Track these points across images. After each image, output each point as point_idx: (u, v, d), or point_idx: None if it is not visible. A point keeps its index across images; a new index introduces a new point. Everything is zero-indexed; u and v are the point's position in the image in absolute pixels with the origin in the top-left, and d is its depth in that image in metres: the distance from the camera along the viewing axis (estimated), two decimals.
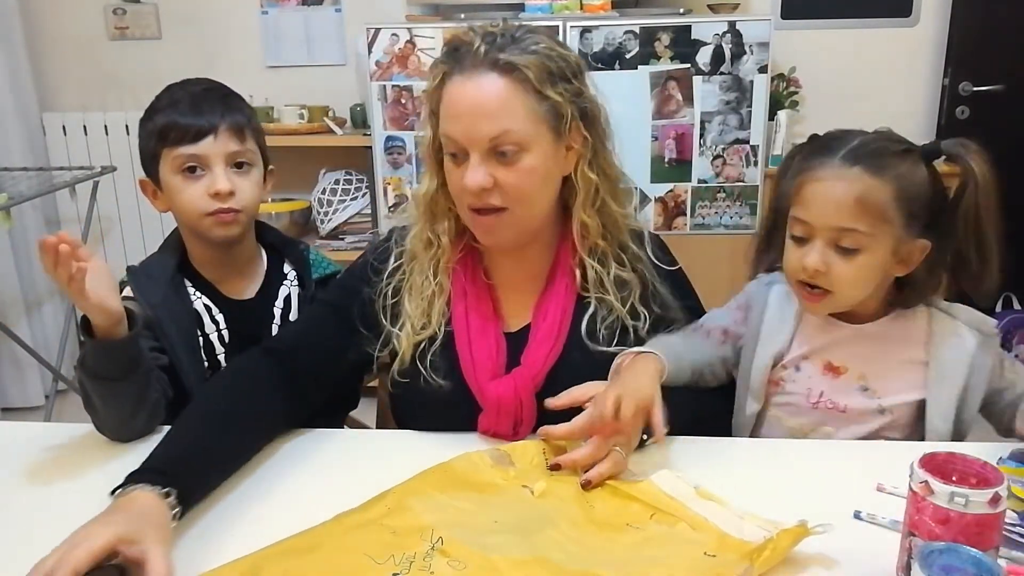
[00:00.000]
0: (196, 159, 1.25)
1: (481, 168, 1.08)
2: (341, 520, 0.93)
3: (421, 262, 1.20)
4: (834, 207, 1.05)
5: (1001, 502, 0.77)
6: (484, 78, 1.07)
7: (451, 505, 0.95)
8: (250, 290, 1.37)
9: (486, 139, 1.07)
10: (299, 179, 3.02)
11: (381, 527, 0.91)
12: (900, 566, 0.83)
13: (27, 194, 2.69)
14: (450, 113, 1.09)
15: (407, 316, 1.18)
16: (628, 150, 1.23)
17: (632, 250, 1.22)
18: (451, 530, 0.89)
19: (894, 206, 1.04)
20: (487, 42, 1.09)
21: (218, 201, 1.25)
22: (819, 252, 1.06)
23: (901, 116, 2.98)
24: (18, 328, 2.95)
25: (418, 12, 2.85)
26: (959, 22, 2.94)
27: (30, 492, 1.08)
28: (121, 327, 1.11)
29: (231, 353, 1.33)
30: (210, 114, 1.26)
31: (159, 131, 1.25)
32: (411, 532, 0.90)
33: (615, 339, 1.17)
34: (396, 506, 0.95)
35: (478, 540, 0.88)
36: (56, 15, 3.18)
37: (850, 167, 1.05)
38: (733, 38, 2.50)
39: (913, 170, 1.06)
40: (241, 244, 1.35)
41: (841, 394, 1.16)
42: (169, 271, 1.31)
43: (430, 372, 1.16)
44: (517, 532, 0.90)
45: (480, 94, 1.07)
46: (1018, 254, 3.42)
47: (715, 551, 0.87)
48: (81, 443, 1.20)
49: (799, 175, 1.09)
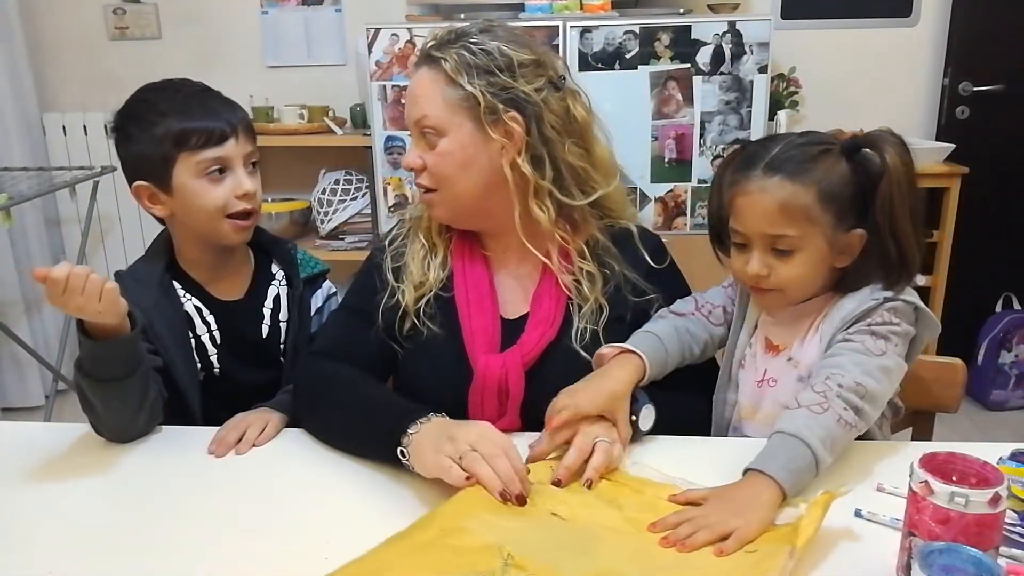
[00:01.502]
0: (221, 161, 1.25)
1: (414, 150, 1.20)
2: (395, 544, 0.89)
3: (424, 225, 1.27)
4: (762, 216, 1.10)
5: (1001, 502, 0.77)
6: (419, 70, 1.20)
7: (506, 525, 0.91)
8: (239, 291, 1.37)
9: (412, 122, 1.20)
10: (299, 179, 3.02)
11: (444, 547, 0.87)
12: (900, 566, 0.83)
13: (27, 194, 2.68)
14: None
15: (409, 275, 1.25)
16: (628, 150, 1.25)
17: (602, 243, 1.26)
18: (517, 546, 0.86)
19: (818, 207, 1.08)
20: (434, 39, 1.20)
21: (244, 202, 1.26)
22: (758, 259, 1.12)
23: (901, 116, 2.98)
24: (18, 328, 2.95)
25: (418, 12, 2.85)
26: (959, 22, 2.94)
27: (30, 492, 1.08)
28: (124, 325, 1.11)
29: (223, 354, 1.33)
30: (226, 115, 1.26)
31: (175, 136, 1.23)
32: (479, 550, 0.86)
33: (596, 331, 1.21)
34: (451, 528, 0.90)
35: (546, 556, 0.86)
36: (56, 15, 3.17)
37: (771, 177, 1.09)
38: (733, 38, 2.50)
39: (833, 169, 1.09)
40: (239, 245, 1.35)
41: (776, 370, 1.18)
42: (157, 275, 1.30)
43: (425, 321, 1.22)
44: (572, 549, 0.88)
45: (412, 83, 1.21)
46: (1018, 254, 3.41)
47: (754, 546, 0.88)
48: (81, 443, 1.20)
49: (730, 188, 1.14)
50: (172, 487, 1.08)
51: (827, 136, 1.16)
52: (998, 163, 2.95)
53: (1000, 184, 2.98)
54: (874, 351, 1.07)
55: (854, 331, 1.09)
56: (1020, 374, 3.01)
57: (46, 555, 0.93)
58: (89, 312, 1.05)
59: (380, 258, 1.30)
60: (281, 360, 1.37)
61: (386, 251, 1.30)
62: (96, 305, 1.04)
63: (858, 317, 1.10)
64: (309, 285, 1.42)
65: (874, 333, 1.08)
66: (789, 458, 0.96)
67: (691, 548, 0.89)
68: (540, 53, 1.21)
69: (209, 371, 1.32)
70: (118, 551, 0.94)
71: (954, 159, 2.79)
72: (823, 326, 1.14)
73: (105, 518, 1.02)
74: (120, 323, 1.10)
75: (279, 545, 0.94)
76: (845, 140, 1.12)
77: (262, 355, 1.36)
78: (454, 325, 1.23)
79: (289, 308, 1.38)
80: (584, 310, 1.22)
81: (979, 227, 2.92)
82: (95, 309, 1.05)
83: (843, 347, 1.08)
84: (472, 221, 1.26)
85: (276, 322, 1.37)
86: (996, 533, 0.78)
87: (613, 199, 1.28)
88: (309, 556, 0.92)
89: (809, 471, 0.96)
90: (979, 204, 2.87)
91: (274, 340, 1.37)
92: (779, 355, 1.18)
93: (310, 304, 1.42)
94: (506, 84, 1.15)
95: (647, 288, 1.26)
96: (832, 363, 1.06)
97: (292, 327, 1.38)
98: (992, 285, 3.06)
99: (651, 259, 1.28)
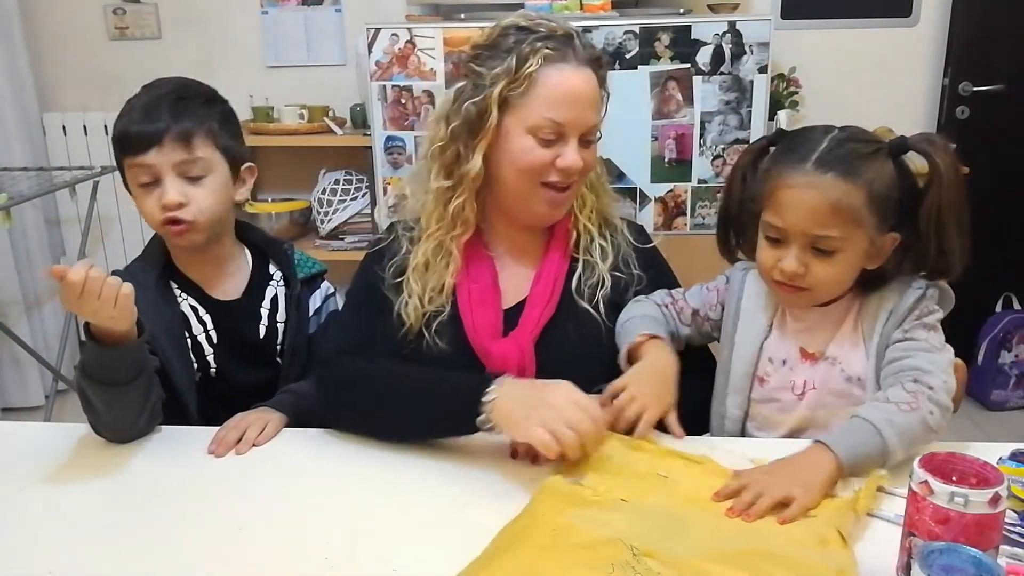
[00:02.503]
0: (147, 169, 1.22)
1: (577, 150, 1.21)
2: (519, 547, 0.87)
3: (440, 238, 1.27)
4: (809, 214, 1.06)
5: (1001, 502, 0.77)
6: (585, 72, 1.21)
7: (602, 518, 0.91)
8: (235, 290, 1.36)
9: (588, 126, 1.22)
10: (299, 179, 3.01)
11: (569, 546, 0.86)
12: (900, 566, 0.83)
13: (27, 194, 2.68)
14: (559, 99, 1.19)
15: (414, 293, 1.26)
16: (628, 150, 1.26)
17: (613, 224, 1.36)
18: (635, 538, 0.86)
19: (867, 209, 1.06)
20: (581, 41, 1.22)
21: (170, 212, 1.23)
22: (796, 257, 1.08)
23: (901, 116, 2.97)
24: (18, 328, 2.95)
25: (418, 12, 2.85)
26: (959, 22, 2.94)
27: (30, 492, 1.08)
28: (133, 331, 1.11)
29: (220, 354, 1.32)
30: (157, 121, 1.22)
31: (116, 138, 1.24)
32: (602, 544, 0.85)
33: (595, 298, 1.28)
34: (560, 527, 0.89)
35: (666, 545, 0.85)
36: (56, 15, 3.17)
37: (823, 174, 1.05)
38: (733, 38, 2.50)
39: (883, 171, 1.07)
40: (219, 245, 1.34)
41: (819, 376, 1.16)
42: (154, 275, 1.30)
43: (434, 338, 1.24)
44: (665, 532, 0.89)
45: (584, 85, 1.21)
46: (1018, 254, 3.40)
47: (816, 512, 0.92)
48: (81, 443, 1.20)
49: (770, 179, 1.10)
50: (172, 487, 1.08)
51: (868, 133, 1.12)
52: (998, 163, 2.95)
53: (1000, 184, 2.98)
54: (937, 345, 1.08)
55: (909, 327, 1.09)
56: (1020, 374, 3.01)
57: (46, 555, 0.93)
58: (102, 317, 1.05)
59: (376, 269, 1.30)
60: (278, 361, 1.37)
61: (385, 269, 1.29)
62: (110, 311, 1.04)
63: (908, 310, 1.10)
64: (307, 285, 1.42)
65: (925, 326, 1.10)
66: (859, 442, 0.98)
67: (756, 516, 0.91)
68: None
69: (206, 371, 1.32)
70: (118, 551, 0.94)
71: None
72: (864, 325, 1.13)
73: (105, 518, 1.02)
74: (129, 329, 1.10)
75: (279, 545, 0.94)
76: (893, 141, 1.10)
77: (259, 355, 1.36)
78: (457, 325, 1.26)
79: (287, 309, 1.38)
80: (590, 281, 1.29)
81: (979, 227, 2.89)
82: (109, 314, 1.04)
83: (910, 347, 1.08)
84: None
85: (274, 322, 1.37)
86: (996, 533, 0.78)
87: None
88: (309, 556, 0.92)
89: (875, 460, 0.98)
90: (979, 204, 2.83)
91: (271, 340, 1.37)
92: (819, 362, 1.16)
93: (308, 305, 1.41)
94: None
95: (637, 267, 1.33)
96: (910, 364, 1.06)
97: (290, 328, 1.37)
98: (992, 285, 3.06)
99: (638, 242, 1.36)
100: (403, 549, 0.93)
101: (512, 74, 1.17)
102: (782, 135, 1.16)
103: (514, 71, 1.17)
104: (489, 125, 1.19)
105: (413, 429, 1.15)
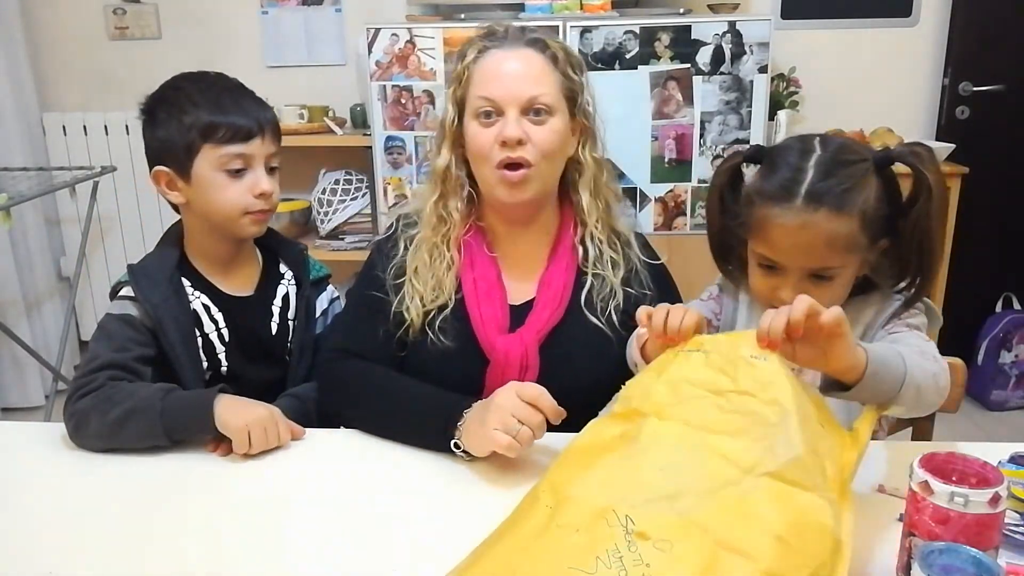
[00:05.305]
0: (243, 158, 1.27)
1: (517, 123, 1.22)
2: (510, 536, 0.85)
3: (432, 239, 1.29)
4: (805, 251, 1.04)
5: (1001, 502, 0.77)
6: (521, 50, 1.26)
7: (613, 477, 0.86)
8: (248, 286, 1.37)
9: (525, 97, 1.22)
10: (299, 179, 3.01)
11: (561, 529, 0.83)
12: (900, 566, 0.83)
13: (27, 194, 2.68)
14: (489, 77, 1.24)
15: (416, 291, 1.28)
16: (628, 150, 1.26)
17: (624, 236, 1.35)
18: (633, 505, 0.81)
19: (861, 234, 1.04)
20: (518, 28, 1.28)
21: (260, 201, 1.28)
22: (794, 287, 1.05)
23: (901, 116, 2.98)
24: (18, 328, 2.95)
25: (418, 12, 2.85)
26: (959, 22, 2.94)
27: (30, 492, 1.08)
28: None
29: (231, 352, 1.33)
30: (256, 114, 1.28)
31: (203, 127, 1.25)
32: (595, 523, 0.81)
33: (607, 311, 1.29)
34: (560, 501, 0.86)
35: (666, 505, 0.81)
36: (56, 15, 3.17)
37: (814, 211, 1.02)
38: (733, 38, 2.50)
39: (871, 191, 1.05)
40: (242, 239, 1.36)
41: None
42: (168, 270, 1.31)
43: (439, 335, 1.26)
44: (688, 472, 0.83)
45: (519, 61, 1.25)
46: (1018, 254, 3.41)
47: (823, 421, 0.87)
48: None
49: (755, 209, 1.07)
50: (172, 487, 1.08)
51: (850, 145, 1.10)
52: (998, 163, 2.95)
53: (1000, 184, 2.98)
54: (923, 340, 1.07)
55: (893, 328, 1.09)
56: (1020, 374, 3.01)
57: (46, 555, 0.93)
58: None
59: (379, 268, 1.32)
60: (287, 359, 1.39)
61: (388, 268, 1.31)
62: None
63: (892, 315, 1.10)
64: (314, 287, 1.44)
65: (909, 326, 1.09)
66: (885, 356, 0.92)
67: (795, 325, 0.85)
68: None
69: (216, 371, 1.32)
70: (118, 551, 0.94)
71: (954, 159, 2.79)
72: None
73: (105, 518, 1.02)
74: None
75: (279, 545, 0.95)
76: (876, 155, 1.08)
77: (269, 352, 1.37)
78: (463, 320, 1.27)
79: (297, 308, 1.39)
80: (603, 291, 1.29)
81: (979, 227, 2.92)
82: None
83: (897, 337, 1.06)
84: (541, 202, 1.31)
85: (285, 320, 1.38)
86: (996, 533, 0.78)
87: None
88: (310, 555, 0.92)
89: (890, 383, 0.92)
90: (979, 204, 2.87)
91: (282, 338, 1.38)
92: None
93: (315, 306, 1.43)
94: (582, 84, 1.30)
95: (647, 279, 1.33)
96: (904, 342, 1.04)
97: (299, 326, 1.39)
98: (992, 285, 3.06)
99: (647, 257, 1.35)
100: (403, 549, 0.94)
101: (456, 72, 1.27)
102: (759, 152, 1.13)
103: (457, 69, 1.27)
104: (447, 121, 1.28)
105: (403, 440, 1.19)
